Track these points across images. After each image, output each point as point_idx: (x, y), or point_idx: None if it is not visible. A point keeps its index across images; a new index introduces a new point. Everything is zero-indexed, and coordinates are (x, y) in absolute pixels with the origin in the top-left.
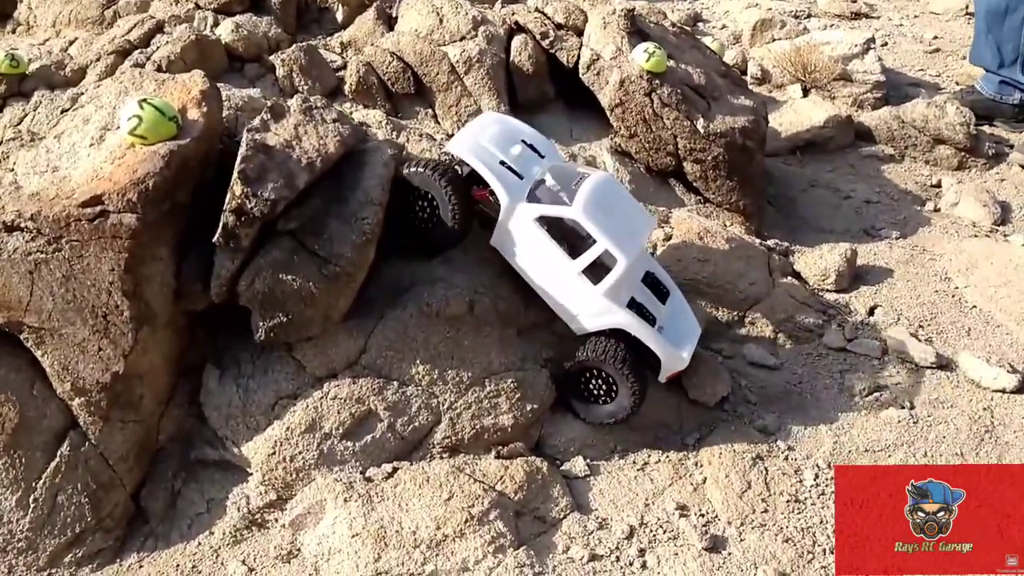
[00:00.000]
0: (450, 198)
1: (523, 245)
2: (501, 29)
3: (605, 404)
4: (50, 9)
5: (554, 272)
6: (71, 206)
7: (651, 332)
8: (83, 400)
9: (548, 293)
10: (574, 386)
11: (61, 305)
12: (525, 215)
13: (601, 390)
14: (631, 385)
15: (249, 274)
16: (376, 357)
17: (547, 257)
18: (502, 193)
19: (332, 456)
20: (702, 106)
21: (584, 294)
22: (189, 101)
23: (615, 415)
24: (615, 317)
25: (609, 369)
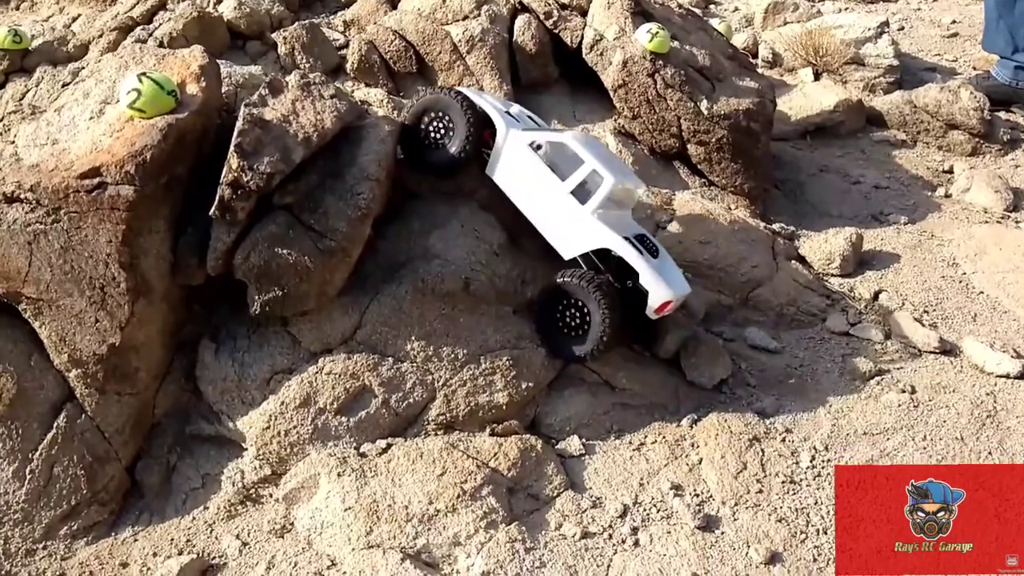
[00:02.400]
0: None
1: (516, 169)
2: (504, 8)
3: (577, 336)
4: None
5: (545, 194)
6: (70, 177)
7: (638, 256)
8: (80, 372)
9: (539, 216)
10: (549, 317)
11: (59, 276)
12: (518, 140)
13: (575, 320)
14: (603, 313)
15: (245, 248)
16: (371, 333)
17: (538, 180)
18: (499, 121)
19: (326, 431)
20: (706, 87)
21: (573, 214)
22: (188, 76)
23: (586, 348)
24: (603, 238)
25: (583, 296)
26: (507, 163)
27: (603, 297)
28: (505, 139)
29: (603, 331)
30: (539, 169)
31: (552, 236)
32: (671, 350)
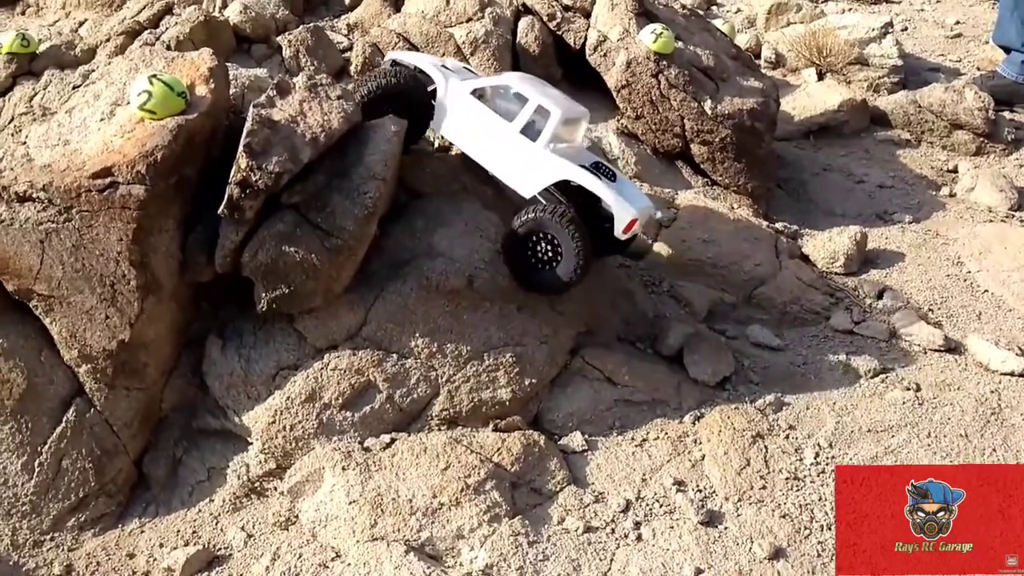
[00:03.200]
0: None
1: (462, 119)
2: (508, 11)
3: (551, 269)
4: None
5: (495, 139)
6: (82, 177)
7: (597, 182)
8: (89, 367)
9: (493, 161)
10: (520, 253)
11: (70, 274)
12: (460, 90)
13: (547, 254)
14: (576, 244)
15: (253, 246)
16: (376, 330)
17: (486, 125)
18: (437, 75)
19: (331, 426)
20: (710, 87)
21: (526, 152)
22: (197, 78)
23: (561, 279)
24: (560, 170)
25: (554, 229)
26: (453, 114)
27: (570, 224)
28: (447, 91)
29: (578, 258)
30: (485, 114)
31: (509, 178)
32: (674, 347)
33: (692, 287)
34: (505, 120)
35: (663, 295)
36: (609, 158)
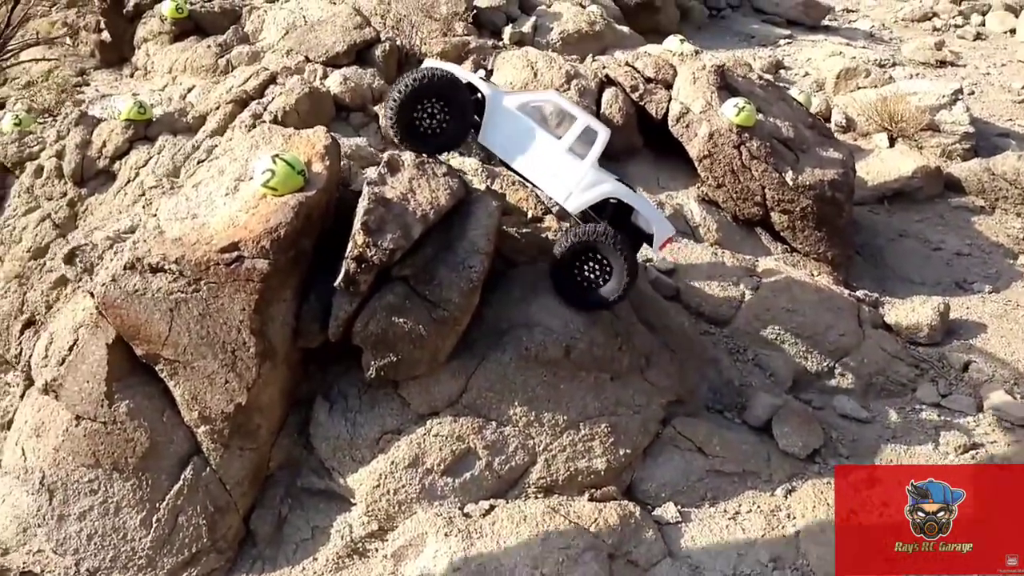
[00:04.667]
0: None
1: (510, 133)
2: (593, 83)
3: (599, 287)
4: (167, 56)
5: (543, 154)
6: (211, 251)
7: (643, 199)
8: (208, 428)
9: (539, 174)
10: (568, 274)
11: (195, 340)
12: (507, 103)
13: (595, 273)
14: (625, 262)
15: (364, 316)
16: (476, 397)
17: (534, 140)
18: (484, 87)
19: (433, 491)
20: (791, 158)
21: (574, 169)
22: (313, 155)
23: (609, 296)
24: (608, 187)
25: (605, 249)
26: (500, 127)
27: (622, 245)
28: (494, 104)
29: (626, 277)
30: (533, 130)
31: (555, 192)
32: (762, 417)
33: (777, 356)
34: (554, 137)
35: (748, 363)
36: (690, 224)
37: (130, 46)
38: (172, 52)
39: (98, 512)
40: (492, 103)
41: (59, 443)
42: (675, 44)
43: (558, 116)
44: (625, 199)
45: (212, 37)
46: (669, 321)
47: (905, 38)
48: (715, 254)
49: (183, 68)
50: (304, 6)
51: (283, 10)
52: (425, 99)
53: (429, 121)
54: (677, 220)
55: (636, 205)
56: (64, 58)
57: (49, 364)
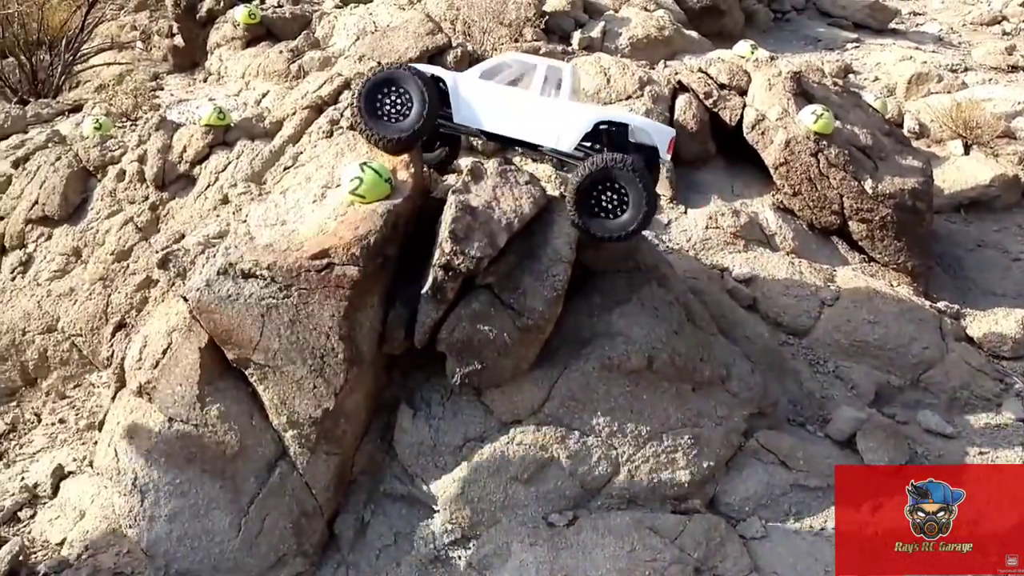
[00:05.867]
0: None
1: (479, 102)
2: (666, 89)
3: (616, 218)
4: (240, 61)
5: (518, 108)
6: (302, 258)
7: (631, 114)
8: (295, 433)
9: (521, 129)
10: (585, 202)
11: (285, 346)
12: (468, 78)
13: (612, 203)
14: (643, 190)
15: (450, 324)
16: (559, 406)
17: (505, 99)
18: (445, 74)
19: (516, 500)
20: (869, 166)
21: (553, 110)
22: (399, 163)
23: (628, 226)
24: (593, 112)
25: (624, 178)
26: (468, 100)
27: (640, 173)
28: (457, 84)
29: (645, 206)
30: (500, 90)
31: (545, 139)
32: (845, 431)
33: (858, 368)
34: (522, 89)
35: (829, 375)
36: (766, 233)
37: (202, 51)
38: (245, 57)
39: (188, 514)
40: (453, 83)
41: (152, 445)
42: (746, 49)
43: (519, 70)
44: (615, 119)
45: (284, 42)
46: (748, 331)
47: (974, 42)
48: (792, 263)
49: (256, 73)
50: (374, 12)
51: (353, 16)
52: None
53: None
54: (752, 228)
55: (628, 120)
56: (138, 62)
57: (143, 367)
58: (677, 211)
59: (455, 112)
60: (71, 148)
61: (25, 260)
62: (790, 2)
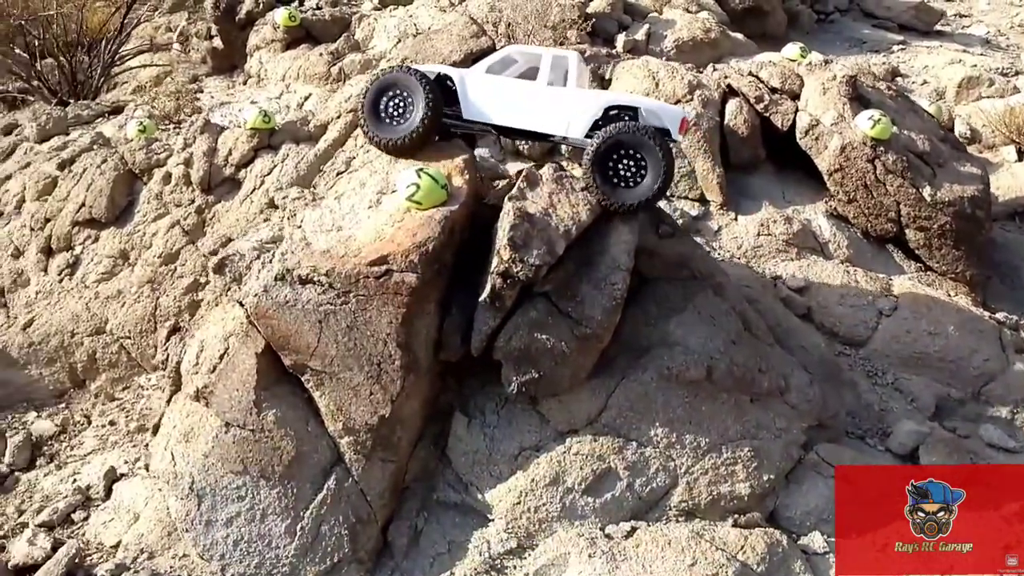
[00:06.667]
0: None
1: (487, 96)
2: (716, 92)
3: (636, 186)
4: (280, 64)
5: (526, 100)
6: (360, 264)
7: (643, 98)
8: (351, 439)
9: (534, 120)
10: (603, 172)
11: (343, 352)
12: (475, 74)
13: (630, 171)
14: (662, 156)
15: (507, 331)
16: (616, 416)
17: (512, 91)
18: (452, 71)
19: (573, 510)
20: (927, 173)
21: (561, 98)
22: (453, 169)
23: (647, 193)
24: (603, 97)
25: (642, 145)
26: (476, 96)
27: (657, 139)
28: (464, 81)
29: (663, 171)
30: (509, 82)
31: (556, 128)
32: (907, 445)
33: (918, 380)
34: (529, 80)
35: (887, 387)
36: (819, 240)
37: (241, 53)
38: (285, 60)
39: (244, 518)
40: (460, 80)
41: (208, 449)
42: (795, 52)
43: (525, 62)
44: (625, 102)
45: (323, 45)
46: (804, 341)
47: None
48: (847, 272)
49: (296, 76)
50: (414, 14)
51: (393, 18)
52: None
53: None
54: (805, 236)
55: (638, 103)
56: (176, 64)
57: (200, 371)
58: (727, 217)
59: (464, 109)
60: (116, 150)
61: (72, 262)
62: (833, 3)
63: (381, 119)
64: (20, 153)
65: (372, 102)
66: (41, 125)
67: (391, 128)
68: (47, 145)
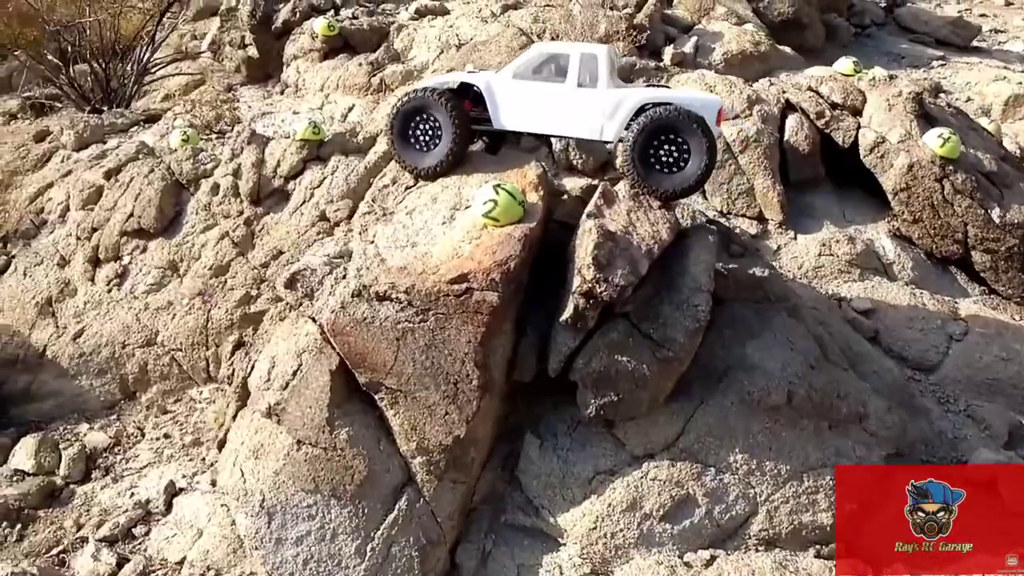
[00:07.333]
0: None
1: (518, 102)
2: (775, 108)
3: (679, 171)
4: (319, 74)
5: (557, 104)
6: (440, 282)
7: (675, 91)
8: (424, 459)
9: (566, 125)
10: (644, 159)
11: (419, 371)
12: (502, 80)
13: (671, 157)
14: (704, 139)
15: (587, 353)
16: (694, 441)
17: (542, 95)
18: (477, 78)
19: (651, 537)
20: (995, 194)
21: (592, 100)
22: (527, 185)
23: (690, 178)
24: (634, 96)
25: (684, 128)
26: (506, 103)
27: (699, 122)
28: (490, 87)
29: (707, 154)
30: (538, 85)
31: (589, 132)
32: None
33: (991, 408)
34: (558, 83)
35: (960, 414)
36: (883, 261)
37: (276, 62)
38: (323, 70)
39: (315, 537)
40: (488, 87)
41: (280, 467)
42: (848, 66)
43: (553, 62)
44: (657, 99)
45: (362, 55)
46: (876, 366)
47: None
48: (913, 294)
49: (336, 86)
50: (454, 24)
51: (433, 28)
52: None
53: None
54: (869, 256)
55: (672, 98)
56: (211, 73)
57: (272, 387)
58: (786, 236)
59: (493, 118)
60: (162, 160)
61: (120, 272)
62: (870, 16)
63: (410, 145)
64: (57, 160)
65: (401, 128)
66: (79, 133)
67: (421, 155)
68: (85, 153)
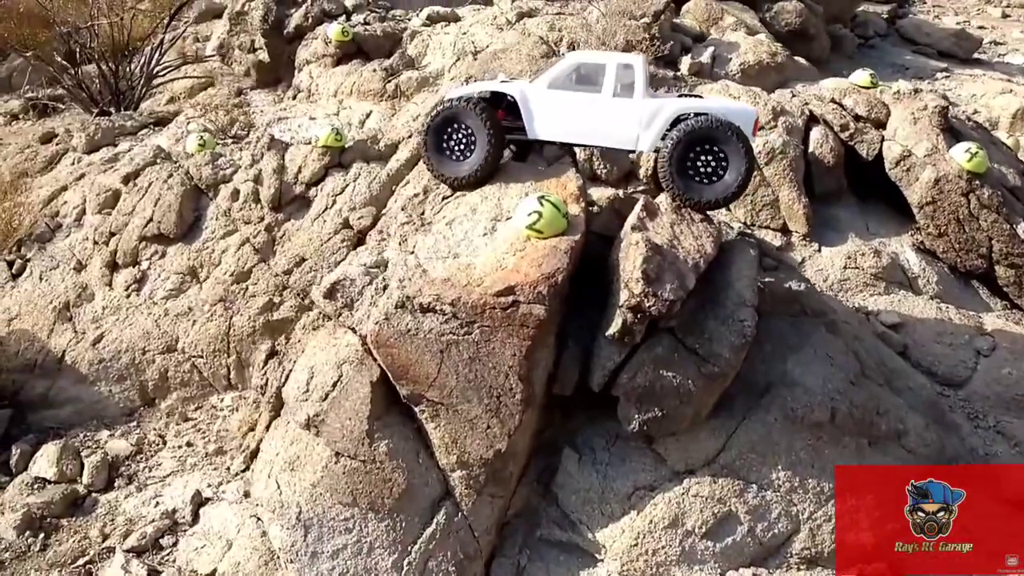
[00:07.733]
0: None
1: (554, 112)
2: (800, 120)
3: (718, 180)
4: (332, 79)
5: (593, 114)
6: (486, 294)
7: (707, 101)
8: (463, 473)
9: (603, 136)
10: (681, 167)
11: (462, 384)
12: (537, 89)
13: (709, 167)
14: (743, 147)
15: (631, 368)
16: (735, 458)
17: (578, 106)
18: (512, 88)
19: (693, 554)
20: (1020, 209)
21: (628, 111)
22: (568, 196)
23: (730, 187)
24: (670, 107)
25: (723, 139)
26: (542, 113)
27: (737, 133)
28: (525, 96)
29: (745, 163)
30: (574, 95)
31: (625, 143)
32: None
33: (1020, 423)
34: (595, 93)
35: (990, 431)
36: (908, 275)
37: (287, 67)
38: (337, 75)
39: (351, 551)
40: (523, 96)
41: (317, 479)
42: (864, 78)
43: (588, 72)
44: (694, 109)
45: (376, 61)
46: (911, 382)
47: None
48: (939, 308)
49: (349, 92)
50: (468, 31)
51: (447, 35)
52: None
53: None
54: (894, 270)
55: (707, 108)
56: (220, 76)
57: (311, 399)
58: (810, 249)
59: (528, 127)
60: (181, 165)
61: (139, 277)
62: (873, 27)
63: (444, 154)
64: (68, 163)
65: (435, 137)
66: (90, 135)
67: (456, 164)
68: (97, 156)
